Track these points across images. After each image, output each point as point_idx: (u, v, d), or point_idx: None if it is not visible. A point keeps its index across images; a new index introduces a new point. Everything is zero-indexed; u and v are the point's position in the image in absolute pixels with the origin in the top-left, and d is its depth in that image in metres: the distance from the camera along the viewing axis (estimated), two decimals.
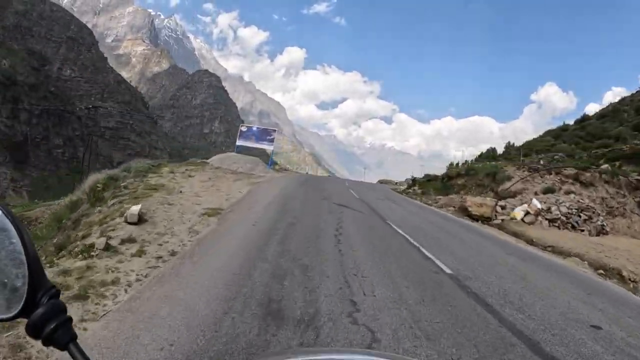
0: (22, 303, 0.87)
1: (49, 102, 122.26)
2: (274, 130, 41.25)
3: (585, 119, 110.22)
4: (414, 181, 42.62)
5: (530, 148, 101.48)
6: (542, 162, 35.72)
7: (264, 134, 39.48)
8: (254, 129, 41.84)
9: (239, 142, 37.85)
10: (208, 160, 30.96)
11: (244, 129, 40.47)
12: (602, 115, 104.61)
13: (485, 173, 30.02)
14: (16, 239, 0.88)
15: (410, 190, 36.26)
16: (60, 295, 0.86)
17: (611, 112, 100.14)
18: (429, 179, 39.34)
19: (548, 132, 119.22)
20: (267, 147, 39.70)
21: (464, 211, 20.88)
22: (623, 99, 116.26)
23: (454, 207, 23.57)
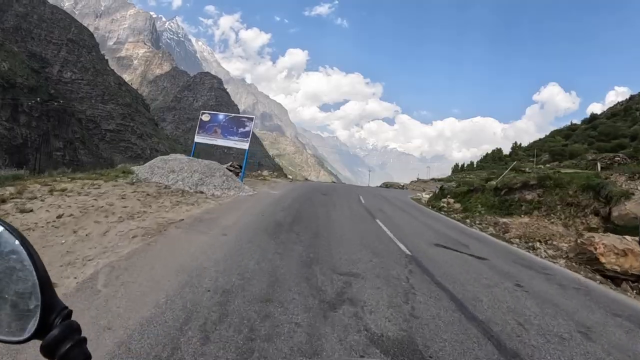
0: (35, 325, 0.88)
1: (48, 104, 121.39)
2: (250, 119, 28.04)
3: (594, 118, 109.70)
4: (443, 191, 33.97)
5: (539, 148, 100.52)
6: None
7: (235, 125, 27.27)
8: (221, 117, 27.96)
9: (198, 138, 27.53)
10: (135, 168, 19.34)
11: (205, 117, 28.22)
12: (612, 114, 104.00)
13: (580, 186, 19.60)
14: (27, 261, 0.88)
15: (443, 205, 27.71)
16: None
17: (622, 112, 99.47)
18: (470, 188, 28.15)
19: (557, 132, 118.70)
20: (240, 144, 26.82)
21: (589, 262, 11.56)
22: (631, 98, 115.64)
23: (556, 246, 14.47)
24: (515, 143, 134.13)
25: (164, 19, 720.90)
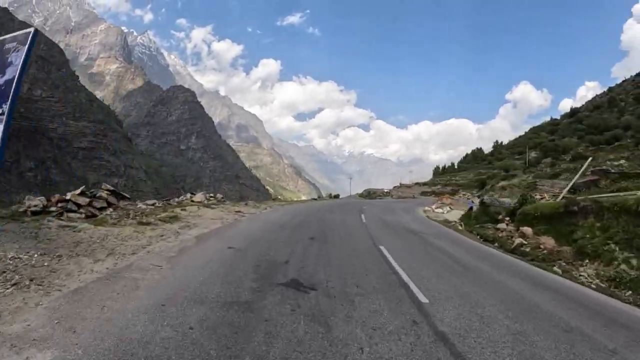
0: None
1: (18, 123, 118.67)
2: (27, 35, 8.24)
3: (575, 112, 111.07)
4: (486, 207, 23.50)
5: (524, 145, 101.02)
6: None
7: None
8: None
9: None
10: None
11: None
12: (595, 106, 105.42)
13: None
14: None
15: (503, 236, 17.88)
16: None
17: (606, 103, 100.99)
18: (567, 209, 15.93)
19: (538, 128, 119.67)
20: None
21: None
22: (611, 90, 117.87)
23: None
24: (497, 142, 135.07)
25: (135, 34, 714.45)
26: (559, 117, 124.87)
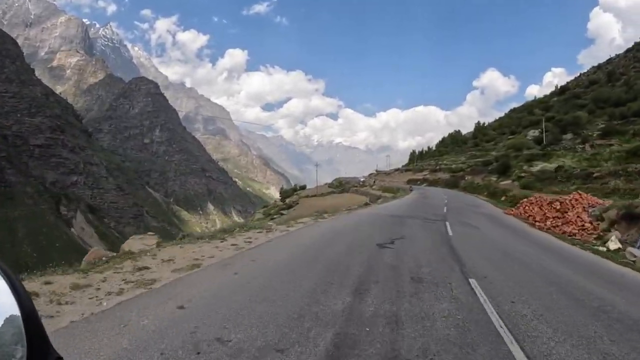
0: None
1: None
2: None
3: (565, 90, 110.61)
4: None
5: (509, 125, 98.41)
6: None
7: None
8: None
9: None
10: None
11: None
12: (592, 81, 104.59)
13: None
14: (13, 302, 0.78)
15: None
16: None
17: (606, 76, 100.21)
18: None
19: (529, 106, 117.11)
20: None
21: None
22: (609, 62, 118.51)
23: None
24: (479, 122, 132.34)
25: (97, 25, 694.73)
26: (544, 96, 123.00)
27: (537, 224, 23.57)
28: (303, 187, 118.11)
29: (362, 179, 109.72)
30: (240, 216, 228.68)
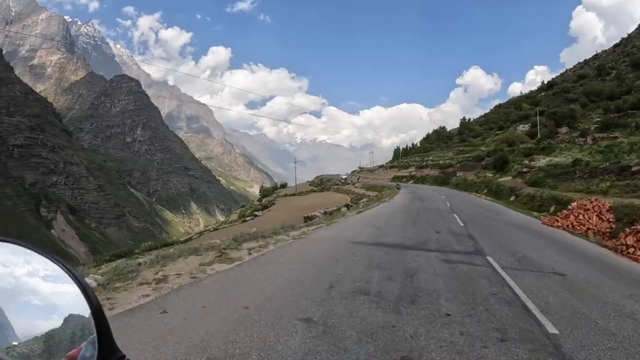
0: None
1: None
2: None
3: (552, 84, 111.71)
4: None
5: (496, 121, 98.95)
6: None
7: None
8: None
9: None
10: None
11: None
12: (581, 76, 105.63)
13: None
14: (85, 305, 0.83)
15: None
16: None
17: (595, 70, 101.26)
18: None
19: (516, 100, 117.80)
20: None
21: None
22: (596, 57, 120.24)
23: None
24: (464, 118, 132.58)
25: (79, 23, 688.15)
26: (532, 91, 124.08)
27: (629, 250, 13.05)
28: (284, 185, 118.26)
29: (344, 176, 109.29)
30: (224, 215, 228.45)
